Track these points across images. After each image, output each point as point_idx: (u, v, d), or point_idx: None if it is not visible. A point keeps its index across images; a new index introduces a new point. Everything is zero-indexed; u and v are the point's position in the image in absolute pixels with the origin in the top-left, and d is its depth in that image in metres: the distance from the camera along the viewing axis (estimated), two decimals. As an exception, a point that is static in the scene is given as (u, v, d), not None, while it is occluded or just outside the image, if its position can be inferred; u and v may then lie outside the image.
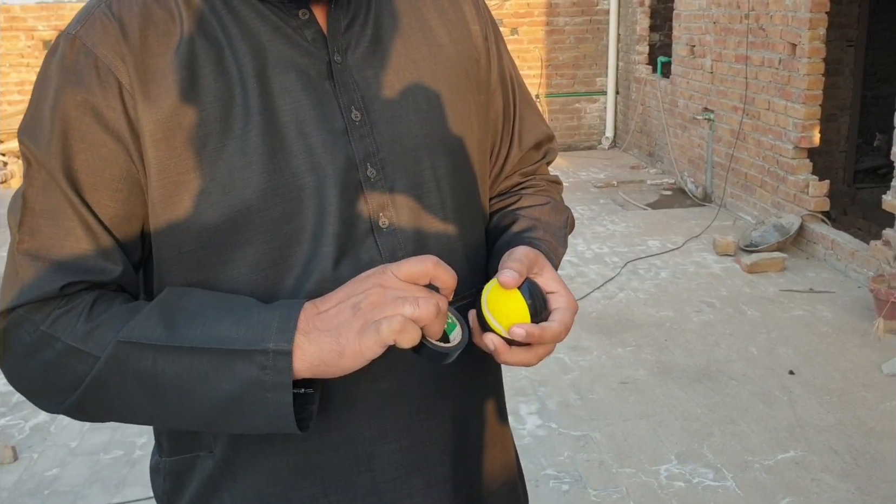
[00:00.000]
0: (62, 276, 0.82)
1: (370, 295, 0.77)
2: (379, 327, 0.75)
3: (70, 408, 0.84)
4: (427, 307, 0.76)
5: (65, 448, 3.12)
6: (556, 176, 1.15)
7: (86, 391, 0.81)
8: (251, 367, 0.77)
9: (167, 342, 0.79)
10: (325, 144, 0.86)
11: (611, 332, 4.09)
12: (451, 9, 1.00)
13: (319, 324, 0.78)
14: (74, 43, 0.83)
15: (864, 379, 3.50)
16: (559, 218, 1.07)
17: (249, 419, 0.80)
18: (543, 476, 2.87)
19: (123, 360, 0.79)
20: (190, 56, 0.83)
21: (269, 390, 0.77)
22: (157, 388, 0.80)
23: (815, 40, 5.07)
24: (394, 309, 0.76)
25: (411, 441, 0.92)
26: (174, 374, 0.79)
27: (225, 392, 0.78)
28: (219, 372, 0.78)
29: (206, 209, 0.83)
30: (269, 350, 0.77)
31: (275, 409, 0.78)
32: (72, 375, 0.81)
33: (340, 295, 0.79)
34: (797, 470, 2.86)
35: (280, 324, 0.78)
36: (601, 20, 8.70)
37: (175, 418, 0.83)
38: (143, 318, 0.80)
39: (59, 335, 0.81)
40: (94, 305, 0.82)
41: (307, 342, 0.77)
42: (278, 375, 0.77)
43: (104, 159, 0.83)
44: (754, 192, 5.84)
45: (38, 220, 0.83)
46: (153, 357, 0.79)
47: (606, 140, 8.85)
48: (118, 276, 0.85)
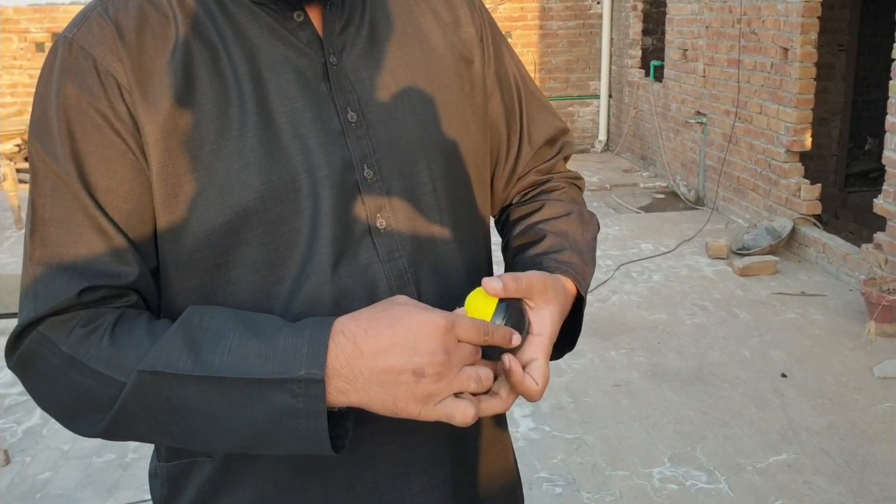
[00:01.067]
0: (78, 282, 0.80)
1: (435, 364, 0.75)
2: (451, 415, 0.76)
3: (105, 432, 0.82)
4: (488, 382, 0.79)
5: (57, 451, 3.11)
6: (576, 172, 1.13)
7: (115, 417, 0.80)
8: (283, 395, 0.75)
9: (193, 371, 0.77)
10: (321, 145, 0.86)
11: (604, 335, 4.10)
12: (445, 11, 1.00)
13: (368, 374, 0.75)
14: (73, 46, 0.83)
15: (855, 382, 3.51)
16: (588, 232, 1.04)
17: (283, 444, 0.78)
18: (537, 479, 2.88)
19: (149, 389, 0.78)
20: (186, 58, 0.84)
21: (302, 417, 0.76)
22: (186, 416, 0.78)
23: (807, 45, 5.09)
24: (461, 387, 0.77)
25: (412, 442, 0.92)
26: (203, 404, 0.77)
27: (258, 420, 0.77)
28: (250, 400, 0.76)
29: (202, 211, 0.83)
30: (301, 378, 0.75)
31: (308, 434, 0.76)
32: (99, 399, 0.80)
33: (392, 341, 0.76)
34: (789, 472, 2.87)
35: (310, 348, 0.76)
36: (594, 24, 8.72)
37: (206, 443, 0.81)
38: (165, 344, 0.78)
39: (82, 359, 0.79)
40: (117, 325, 0.81)
41: (353, 391, 0.76)
42: (311, 402, 0.75)
43: (114, 161, 0.82)
44: (746, 196, 5.86)
45: (49, 229, 0.82)
46: (181, 386, 0.77)
47: (599, 143, 8.87)
48: (135, 278, 0.83)
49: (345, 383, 0.75)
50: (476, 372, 0.78)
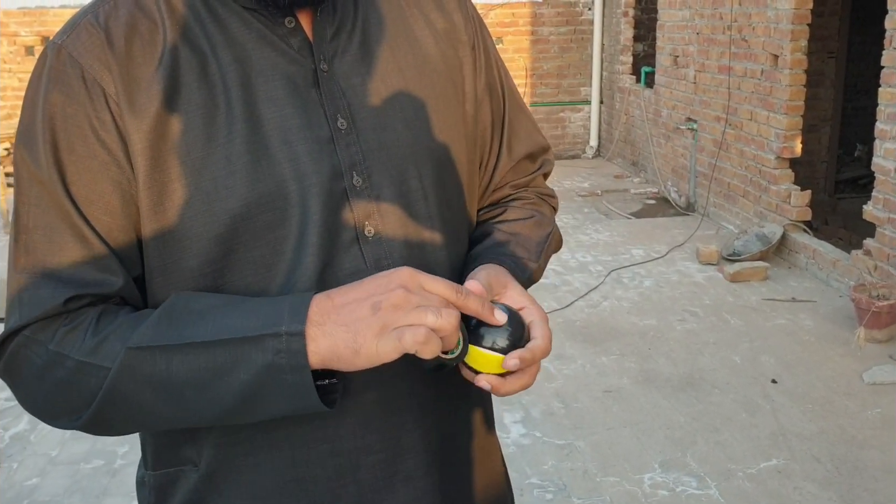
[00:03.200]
0: (63, 291, 0.81)
1: (392, 297, 0.76)
2: (402, 336, 0.75)
3: (87, 423, 0.83)
4: (449, 319, 0.76)
5: (45, 457, 3.08)
6: (552, 190, 1.13)
7: (101, 404, 0.80)
8: (265, 353, 0.76)
9: (178, 341, 0.78)
10: (309, 153, 0.85)
11: (595, 340, 4.10)
12: (438, 18, 0.99)
13: (336, 317, 0.77)
14: (61, 53, 0.83)
15: (845, 388, 3.52)
16: (540, 233, 1.05)
17: (272, 405, 0.79)
18: (528, 485, 2.87)
19: (136, 367, 0.78)
20: (173, 65, 0.83)
21: (286, 373, 0.76)
22: (173, 390, 0.79)
23: (797, 52, 5.11)
24: (417, 317, 0.75)
25: (397, 452, 0.91)
26: (189, 373, 0.78)
27: (243, 382, 0.77)
28: (234, 363, 0.77)
29: (189, 218, 0.83)
30: (282, 333, 0.76)
31: (295, 390, 0.77)
32: (85, 391, 0.80)
33: (359, 291, 0.78)
34: (780, 478, 2.88)
35: (291, 308, 0.77)
36: (585, 30, 8.74)
37: (196, 417, 0.82)
38: (151, 324, 0.80)
39: (67, 352, 0.80)
40: (100, 319, 0.81)
41: (322, 335, 0.76)
42: (293, 357, 0.76)
43: (95, 171, 0.82)
44: (737, 202, 5.88)
45: (33, 237, 0.82)
46: (166, 359, 0.78)
47: (590, 149, 8.88)
48: (120, 287, 0.84)
49: (315, 328, 0.76)
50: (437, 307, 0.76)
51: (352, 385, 0.87)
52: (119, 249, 0.84)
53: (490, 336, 0.82)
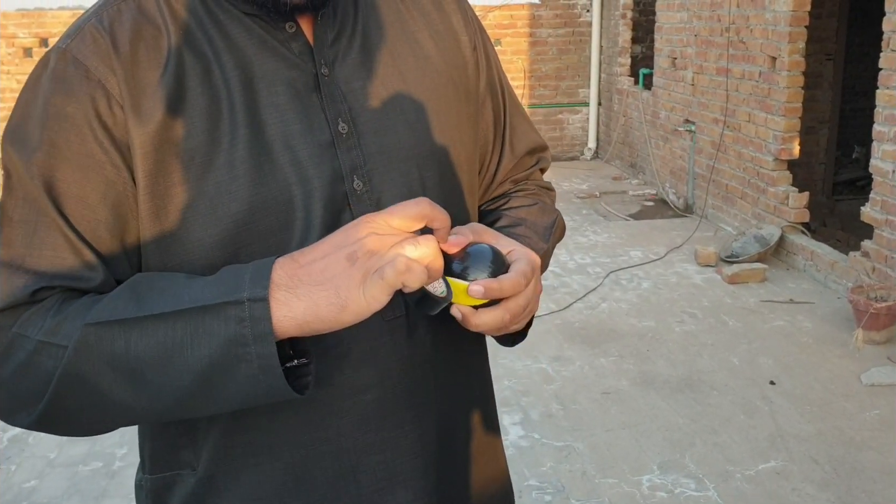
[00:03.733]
0: (35, 282, 0.80)
1: (366, 243, 0.74)
2: (383, 273, 0.72)
3: (43, 413, 0.79)
4: (428, 244, 0.74)
5: (43, 459, 3.08)
6: (549, 183, 1.14)
7: (57, 387, 0.77)
8: (227, 322, 0.73)
9: (137, 314, 0.75)
10: (311, 157, 0.86)
11: (593, 342, 4.10)
12: (438, 20, 1.00)
13: (307, 277, 0.74)
14: (65, 56, 0.83)
15: (843, 389, 3.53)
16: (546, 219, 1.05)
17: (236, 384, 0.75)
18: (526, 487, 2.87)
19: (93, 344, 0.75)
20: (178, 70, 0.83)
21: (250, 344, 0.73)
22: (132, 369, 0.75)
23: (795, 54, 5.12)
24: (395, 253, 0.73)
25: (397, 453, 0.91)
26: (149, 349, 0.74)
27: (205, 357, 0.74)
28: (195, 335, 0.73)
29: (192, 223, 0.83)
30: (244, 300, 0.73)
31: (260, 364, 0.73)
32: (42, 373, 0.77)
33: (325, 247, 0.75)
34: (778, 480, 2.88)
35: (253, 273, 0.75)
36: (584, 32, 8.75)
37: (159, 402, 0.77)
38: (111, 300, 0.78)
39: (27, 333, 0.78)
40: (64, 301, 0.80)
41: (295, 298, 0.73)
42: (257, 325, 0.72)
43: (88, 170, 0.82)
44: (735, 204, 5.89)
45: (15, 231, 0.82)
46: (125, 334, 0.75)
47: (589, 151, 8.89)
48: (98, 284, 0.83)
49: (286, 292, 0.73)
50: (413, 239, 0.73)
51: (351, 385, 0.87)
52: (104, 249, 0.83)
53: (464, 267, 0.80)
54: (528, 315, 0.88)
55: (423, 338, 0.91)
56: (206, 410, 0.80)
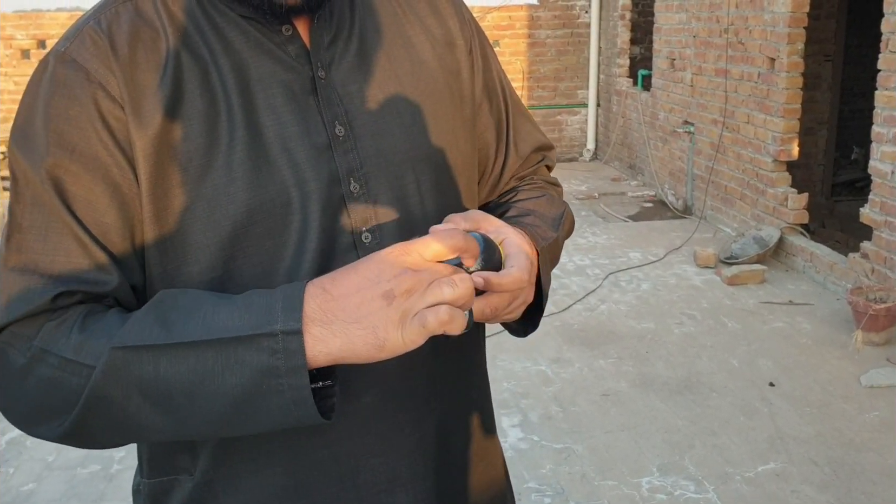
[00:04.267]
0: (53, 287, 0.78)
1: (403, 281, 0.72)
2: (425, 321, 0.71)
3: (70, 431, 0.78)
4: (466, 287, 0.73)
5: (41, 462, 3.07)
6: (556, 178, 1.13)
7: (84, 408, 0.76)
8: (260, 354, 0.72)
9: (166, 341, 0.74)
10: (308, 160, 0.86)
11: (592, 343, 4.10)
12: (434, 23, 1.00)
13: (342, 313, 0.73)
14: (65, 58, 0.82)
15: (843, 391, 3.52)
16: (554, 210, 1.03)
17: (266, 413, 0.74)
18: (525, 489, 2.87)
19: (121, 367, 0.74)
20: (176, 73, 0.83)
21: (282, 376, 0.72)
22: (162, 394, 0.74)
23: (794, 55, 5.12)
24: (434, 296, 0.72)
25: (396, 456, 0.91)
26: (179, 376, 0.73)
27: (236, 386, 0.73)
28: (226, 364, 0.73)
29: (190, 225, 0.83)
30: (277, 332, 0.72)
31: (292, 396, 0.73)
32: (68, 392, 0.76)
33: (358, 279, 0.74)
34: (777, 482, 2.88)
35: (285, 303, 0.73)
36: (582, 33, 8.75)
37: (187, 427, 0.77)
38: (137, 321, 0.76)
39: (51, 349, 0.76)
40: (87, 316, 0.79)
41: (331, 335, 0.72)
42: (291, 358, 0.72)
43: (95, 172, 0.81)
44: (734, 205, 5.89)
45: (27, 236, 0.81)
46: (153, 360, 0.73)
47: (588, 152, 8.89)
48: (114, 287, 0.81)
49: (321, 328, 0.72)
50: (450, 278, 0.73)
51: (350, 388, 0.87)
52: (115, 252, 0.82)
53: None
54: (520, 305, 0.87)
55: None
56: (235, 434, 0.79)
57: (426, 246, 0.74)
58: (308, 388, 0.73)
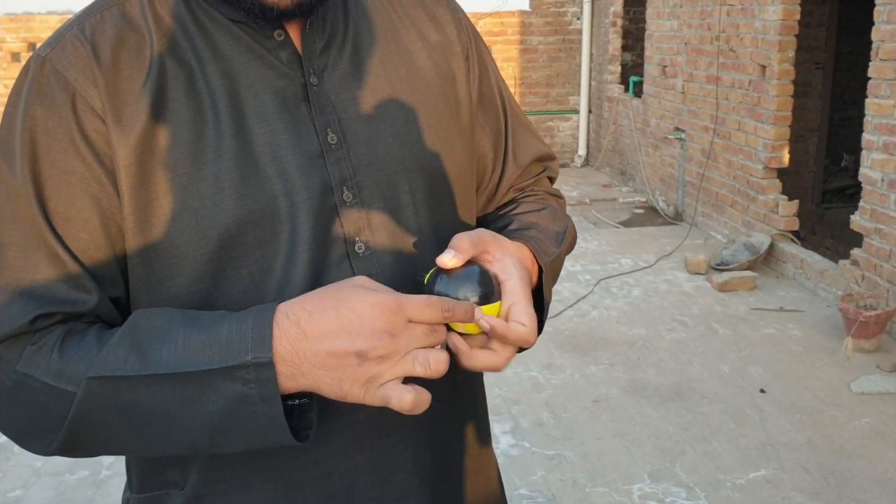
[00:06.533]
0: (32, 309, 0.78)
1: (379, 347, 0.73)
2: (387, 398, 0.74)
3: (60, 448, 0.80)
4: (438, 367, 0.75)
5: (29, 468, 3.05)
6: (558, 190, 1.11)
7: (69, 430, 0.78)
8: (234, 383, 0.73)
9: (140, 371, 0.75)
10: (299, 168, 0.84)
11: (584, 350, 4.09)
12: (431, 30, 0.98)
13: (312, 357, 0.73)
14: (45, 65, 0.81)
15: (833, 397, 3.53)
16: (557, 224, 1.02)
17: (243, 436, 0.76)
18: (517, 496, 2.86)
19: (99, 395, 0.76)
20: (160, 79, 0.82)
21: (256, 404, 0.74)
22: (140, 420, 0.76)
23: (785, 62, 5.14)
24: (405, 370, 0.74)
25: (389, 472, 0.90)
26: (156, 403, 0.75)
27: (213, 413, 0.75)
28: (202, 394, 0.74)
29: (177, 236, 0.81)
30: (249, 364, 0.73)
31: (266, 422, 0.74)
32: (54, 414, 0.78)
33: (336, 325, 0.73)
34: (769, 489, 2.88)
35: (255, 332, 0.74)
36: (574, 40, 8.77)
37: (167, 446, 0.79)
38: (112, 349, 0.76)
39: (33, 373, 0.77)
40: (66, 338, 0.79)
41: (300, 374, 0.74)
42: (263, 387, 0.73)
43: (74, 186, 0.80)
44: (725, 212, 5.90)
45: (7, 253, 0.80)
46: (131, 389, 0.75)
47: (579, 158, 8.90)
48: (93, 306, 0.81)
49: (291, 368, 0.73)
50: (424, 355, 0.74)
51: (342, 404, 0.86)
52: (96, 268, 0.82)
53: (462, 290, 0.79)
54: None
55: None
56: (215, 451, 0.82)
57: (413, 309, 0.74)
58: (281, 415, 0.74)
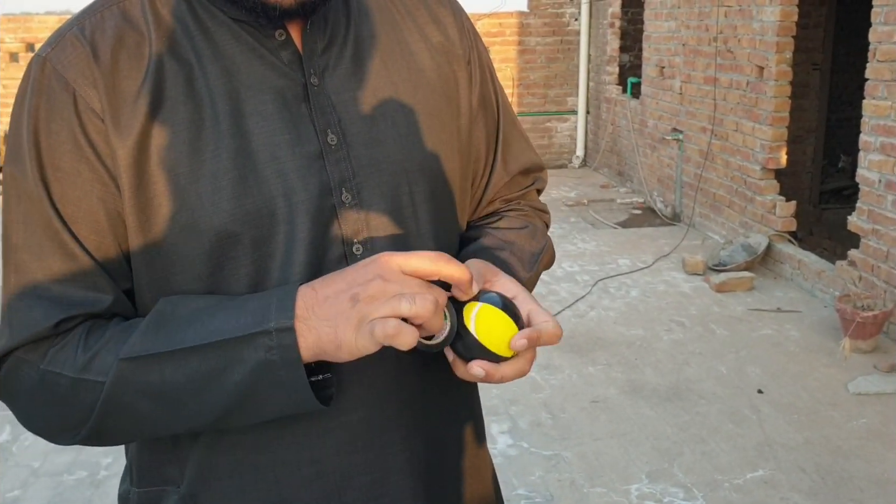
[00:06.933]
0: (55, 313, 0.80)
1: (370, 287, 0.75)
2: (373, 329, 0.74)
3: (87, 436, 0.83)
4: (424, 305, 0.74)
5: (27, 469, 3.05)
6: (544, 205, 1.11)
7: (99, 417, 0.80)
8: (257, 351, 0.76)
9: (168, 348, 0.77)
10: (298, 169, 0.84)
11: (582, 350, 4.10)
12: (434, 32, 0.98)
13: (319, 310, 0.76)
14: (45, 66, 0.81)
15: (831, 398, 3.54)
16: (534, 245, 1.03)
17: (270, 403, 0.78)
18: (515, 496, 2.86)
19: (129, 377, 0.78)
20: (159, 79, 0.82)
21: (280, 369, 0.76)
22: (169, 397, 0.79)
23: (782, 63, 5.15)
24: (391, 307, 0.74)
25: (384, 473, 0.90)
26: (184, 379, 0.78)
27: (238, 383, 0.77)
28: (227, 364, 0.77)
29: (175, 235, 0.82)
30: (271, 329, 0.75)
31: (290, 385, 0.77)
32: (82, 406, 0.80)
33: (340, 281, 0.77)
34: (766, 489, 2.88)
35: (279, 303, 0.77)
36: (572, 40, 8.78)
37: (195, 421, 0.81)
38: (140, 334, 0.79)
39: (60, 370, 0.80)
40: (89, 334, 0.81)
41: (306, 329, 0.76)
42: (286, 352, 0.75)
43: (81, 188, 0.81)
44: (722, 212, 5.91)
45: (22, 256, 0.81)
46: (159, 367, 0.78)
47: (577, 159, 8.91)
48: (110, 304, 0.83)
49: (301, 323, 0.76)
50: (411, 293, 0.74)
51: (338, 404, 0.86)
52: (109, 266, 0.83)
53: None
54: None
55: (411, 356, 0.90)
56: (243, 423, 0.83)
57: (407, 259, 0.76)
58: (304, 378, 0.76)
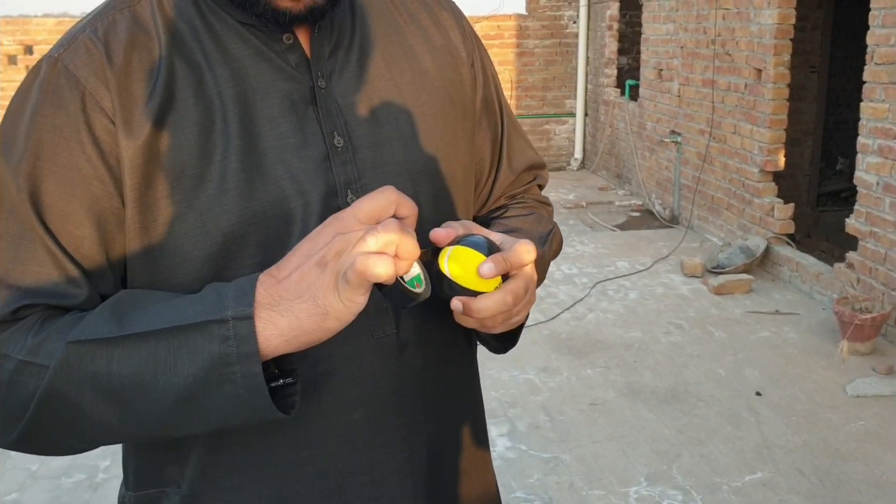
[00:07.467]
0: (17, 299, 0.78)
1: (333, 246, 0.72)
2: (347, 277, 0.70)
3: (22, 434, 0.78)
4: (388, 231, 0.70)
5: (25, 471, 3.04)
6: (547, 198, 1.13)
7: (37, 408, 0.76)
8: (211, 342, 0.72)
9: (118, 333, 0.74)
10: (305, 171, 0.85)
11: (580, 353, 4.10)
12: (437, 35, 0.99)
13: (285, 292, 0.73)
14: (56, 66, 0.81)
15: (829, 400, 3.54)
16: (541, 229, 1.03)
17: (220, 404, 0.74)
18: (513, 499, 2.86)
19: (75, 363, 0.74)
20: (169, 81, 0.82)
21: (234, 364, 0.72)
22: (114, 389, 0.74)
23: (780, 66, 5.16)
24: (358, 250, 0.70)
25: (384, 473, 0.90)
26: (131, 368, 0.73)
27: (188, 376, 0.72)
28: (178, 354, 0.72)
29: (181, 236, 0.82)
30: (228, 318, 0.72)
31: (244, 384, 0.72)
32: (24, 393, 0.76)
33: (296, 258, 0.74)
34: (764, 491, 2.88)
35: (237, 291, 0.74)
36: (570, 43, 8.79)
37: (139, 423, 0.77)
38: (92, 318, 0.76)
39: (8, 352, 0.77)
40: (45, 321, 0.79)
41: (278, 315, 0.72)
42: (242, 344, 0.72)
43: (74, 185, 0.80)
44: (721, 215, 5.92)
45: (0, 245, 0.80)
46: (106, 354, 0.74)
47: (575, 161, 8.92)
48: (82, 301, 0.81)
49: (269, 311, 0.73)
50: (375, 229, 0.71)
51: (338, 403, 0.86)
52: (88, 265, 0.82)
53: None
54: (527, 304, 0.86)
55: (412, 356, 0.90)
56: (188, 431, 0.79)
57: (358, 206, 0.73)
58: (260, 375, 0.72)
